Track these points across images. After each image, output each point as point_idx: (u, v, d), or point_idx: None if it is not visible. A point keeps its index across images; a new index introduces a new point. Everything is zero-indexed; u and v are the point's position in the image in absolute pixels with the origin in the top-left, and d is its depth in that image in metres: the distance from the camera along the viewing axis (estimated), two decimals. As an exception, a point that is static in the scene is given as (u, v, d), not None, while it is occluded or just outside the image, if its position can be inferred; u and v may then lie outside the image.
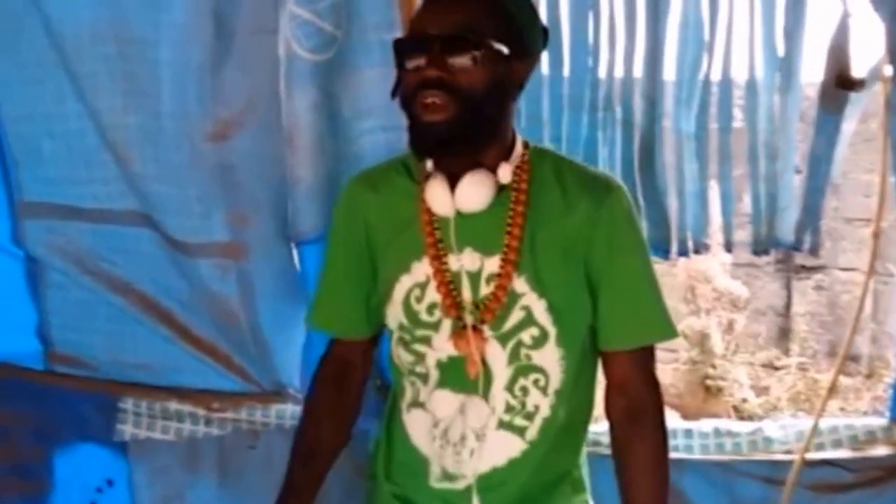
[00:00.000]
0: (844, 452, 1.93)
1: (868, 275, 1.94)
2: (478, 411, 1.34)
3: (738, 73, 1.93)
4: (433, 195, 1.32)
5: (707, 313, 4.68)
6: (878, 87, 1.86)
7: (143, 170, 1.86)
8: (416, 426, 1.39)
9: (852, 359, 4.52)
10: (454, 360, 1.34)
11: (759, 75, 1.91)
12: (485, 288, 1.32)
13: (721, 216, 1.99)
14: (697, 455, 1.95)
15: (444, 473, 1.36)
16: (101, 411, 1.98)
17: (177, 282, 1.91)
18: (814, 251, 1.97)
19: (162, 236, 1.89)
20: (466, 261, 1.33)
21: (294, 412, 1.93)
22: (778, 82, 1.91)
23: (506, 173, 1.32)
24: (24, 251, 1.96)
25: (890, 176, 1.93)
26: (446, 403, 1.35)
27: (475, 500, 1.35)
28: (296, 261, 1.91)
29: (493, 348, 1.33)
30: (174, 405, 1.97)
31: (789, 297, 4.94)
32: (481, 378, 1.33)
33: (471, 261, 1.33)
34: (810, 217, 1.95)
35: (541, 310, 1.32)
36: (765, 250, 1.98)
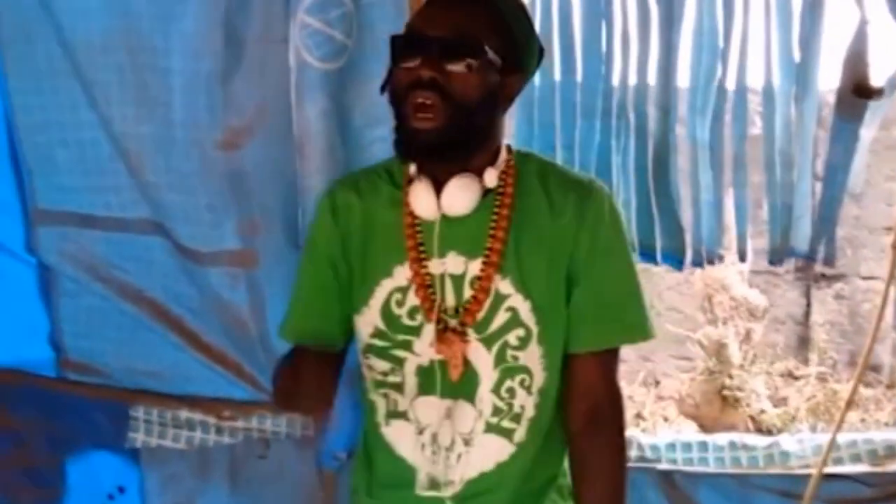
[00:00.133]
0: (863, 467, 1.91)
1: (888, 283, 1.91)
2: (465, 415, 1.33)
3: (753, 81, 1.92)
4: (418, 199, 1.31)
5: (724, 322, 4.63)
6: (898, 94, 1.84)
7: (154, 178, 1.87)
8: (400, 437, 1.36)
9: (873, 369, 4.46)
10: (436, 364, 1.33)
11: (776, 83, 1.90)
12: (468, 291, 1.32)
13: (735, 225, 1.97)
14: (713, 468, 1.94)
15: (432, 481, 1.35)
16: (113, 419, 1.98)
17: (187, 290, 1.91)
18: (828, 261, 1.95)
19: (173, 244, 1.90)
20: (450, 264, 1.32)
21: (304, 422, 1.92)
22: (794, 90, 1.89)
23: (492, 178, 1.32)
24: (37, 259, 1.97)
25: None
26: (432, 410, 1.34)
27: None
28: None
29: (478, 351, 1.32)
30: (185, 413, 1.97)
31: (808, 306, 4.88)
32: (466, 382, 1.32)
33: (455, 264, 1.32)
34: (825, 226, 1.93)
35: (526, 310, 1.32)
36: (780, 260, 1.96)
